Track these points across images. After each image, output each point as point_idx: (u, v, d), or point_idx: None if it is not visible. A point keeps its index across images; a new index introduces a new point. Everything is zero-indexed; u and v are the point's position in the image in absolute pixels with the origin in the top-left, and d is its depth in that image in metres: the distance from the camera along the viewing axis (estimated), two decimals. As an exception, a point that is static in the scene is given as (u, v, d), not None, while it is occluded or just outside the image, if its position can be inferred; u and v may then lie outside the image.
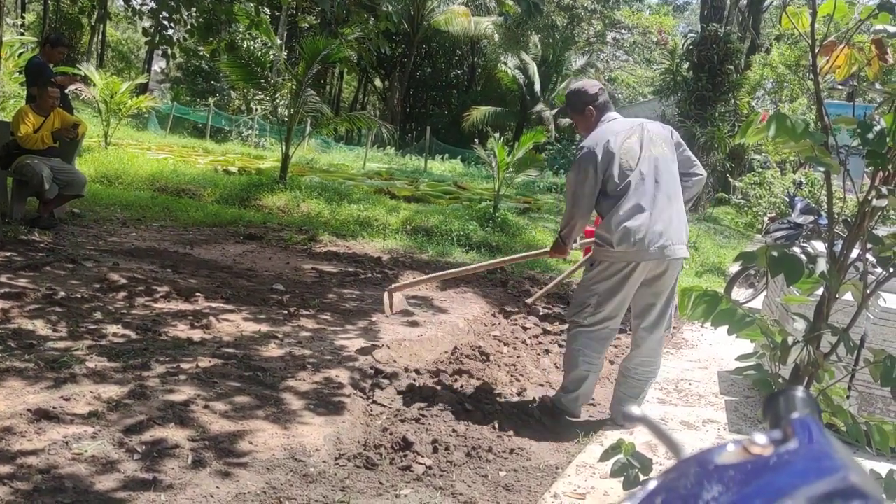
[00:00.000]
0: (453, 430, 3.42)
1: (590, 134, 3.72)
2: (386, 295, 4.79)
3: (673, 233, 3.52)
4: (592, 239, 3.84)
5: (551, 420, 3.76)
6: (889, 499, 1.62)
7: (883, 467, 1.88)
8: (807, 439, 0.52)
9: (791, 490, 0.46)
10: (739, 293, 7.32)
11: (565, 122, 25.99)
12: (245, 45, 11.37)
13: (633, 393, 3.82)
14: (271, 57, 12.16)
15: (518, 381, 4.30)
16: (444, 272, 4.86)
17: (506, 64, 30.43)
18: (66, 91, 7.79)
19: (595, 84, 3.91)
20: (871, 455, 2.95)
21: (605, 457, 2.13)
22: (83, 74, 13.29)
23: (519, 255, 4.67)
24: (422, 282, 4.97)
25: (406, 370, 4.20)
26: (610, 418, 3.92)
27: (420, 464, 3.10)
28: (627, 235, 3.48)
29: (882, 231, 1.91)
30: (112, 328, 4.28)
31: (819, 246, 2.21)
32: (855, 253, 1.92)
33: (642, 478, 1.97)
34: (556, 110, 27.86)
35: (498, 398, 3.94)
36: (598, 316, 3.65)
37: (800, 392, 0.60)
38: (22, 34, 21.85)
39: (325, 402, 3.62)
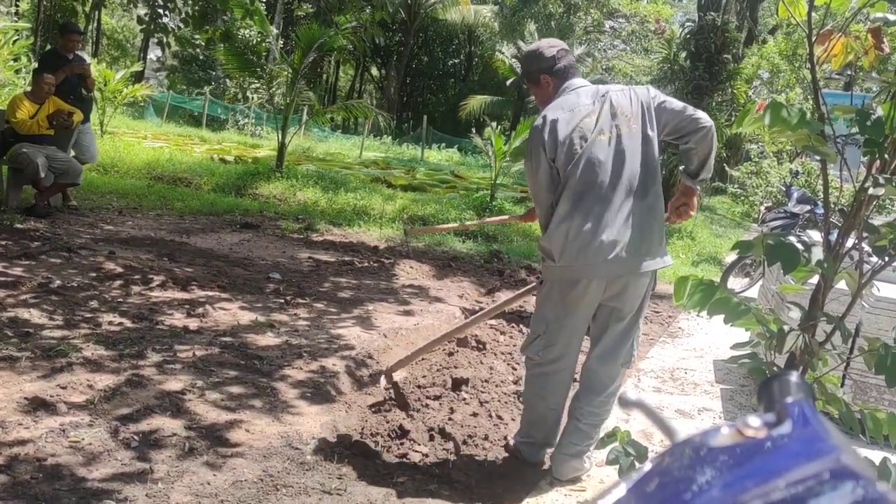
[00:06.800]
0: (449, 418, 3.43)
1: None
2: (383, 378, 3.94)
3: (632, 240, 2.73)
4: None
5: (516, 464, 3.12)
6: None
7: (876, 455, 1.89)
8: (800, 422, 0.52)
9: (784, 472, 0.46)
10: (735, 282, 7.34)
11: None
12: (241, 34, 11.30)
13: (578, 447, 2.99)
14: (267, 46, 12.10)
15: (515, 369, 4.31)
16: (438, 338, 4.00)
17: (502, 52, 30.34)
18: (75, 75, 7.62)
19: (554, 45, 3.03)
20: (865, 443, 2.97)
21: (600, 445, 2.14)
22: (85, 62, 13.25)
23: (509, 298, 4.01)
24: (417, 354, 4.01)
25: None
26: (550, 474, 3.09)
27: (416, 451, 3.11)
28: (569, 245, 2.74)
29: (878, 220, 1.92)
30: (108, 317, 4.28)
31: (815, 235, 2.21)
32: (850, 242, 1.93)
33: (637, 465, 1.98)
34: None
35: (494, 387, 3.95)
36: (551, 352, 2.93)
37: (794, 376, 0.60)
38: (16, 21, 21.71)
39: (322, 391, 3.62)
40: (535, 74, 3.00)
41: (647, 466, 0.52)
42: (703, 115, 2.83)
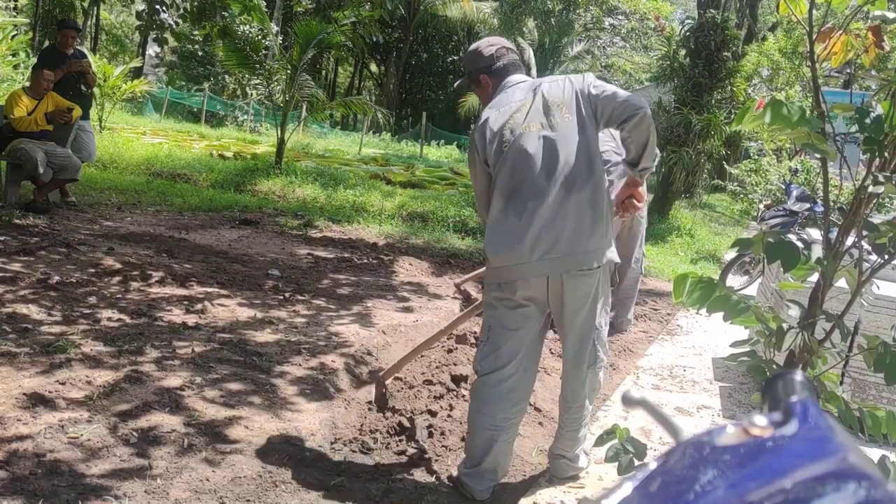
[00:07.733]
0: (448, 416, 3.43)
1: None
2: (375, 386, 3.71)
3: (567, 236, 2.56)
4: None
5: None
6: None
7: (875, 453, 1.89)
8: (806, 421, 0.52)
9: (789, 471, 0.46)
10: (734, 280, 7.34)
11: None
12: (240, 30, 11.29)
13: (569, 452, 2.96)
14: (266, 42, 12.09)
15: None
16: (422, 343, 3.77)
17: (502, 50, 30.28)
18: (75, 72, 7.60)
19: (493, 43, 2.90)
20: (864, 441, 2.98)
21: (599, 442, 2.14)
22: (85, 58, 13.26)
23: (464, 313, 3.95)
24: (409, 358, 3.81)
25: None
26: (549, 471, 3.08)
27: (415, 448, 3.11)
28: (501, 243, 2.60)
29: (877, 218, 1.92)
30: (107, 313, 4.27)
31: (814, 233, 2.22)
32: (850, 240, 1.93)
33: (637, 463, 1.98)
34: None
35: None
36: (495, 360, 2.72)
37: (798, 375, 0.60)
38: (14, 16, 21.65)
39: (321, 388, 3.62)
40: (476, 74, 2.87)
41: (652, 465, 0.52)
42: (635, 100, 2.62)
